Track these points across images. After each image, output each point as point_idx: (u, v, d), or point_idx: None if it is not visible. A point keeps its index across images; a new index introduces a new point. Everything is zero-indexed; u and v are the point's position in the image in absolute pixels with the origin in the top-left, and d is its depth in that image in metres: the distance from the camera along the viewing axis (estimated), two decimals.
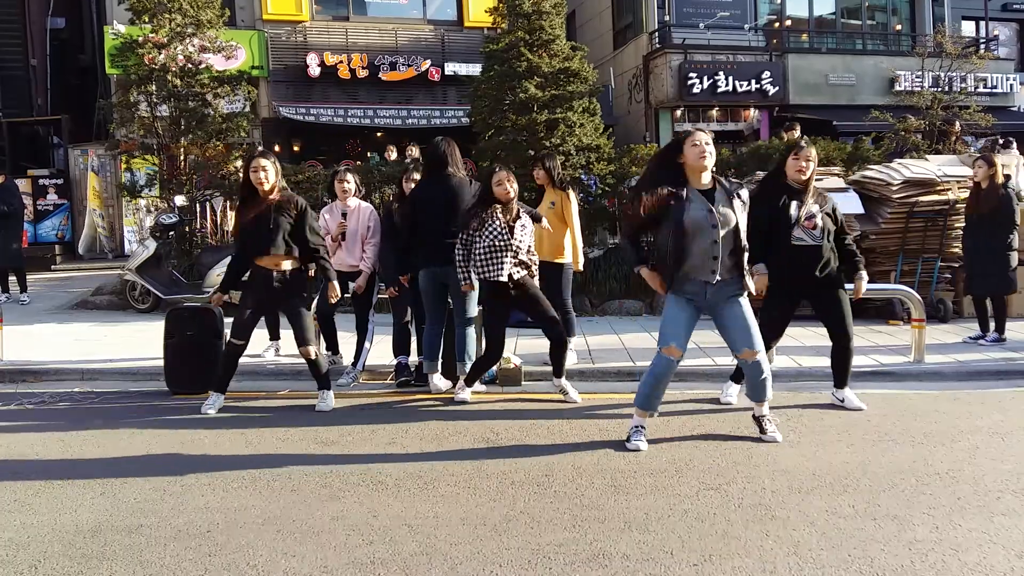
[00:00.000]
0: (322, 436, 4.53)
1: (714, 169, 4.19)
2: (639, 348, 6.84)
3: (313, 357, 5.17)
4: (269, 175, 5.03)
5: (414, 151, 11.71)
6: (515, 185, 5.21)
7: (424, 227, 5.45)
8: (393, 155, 12.16)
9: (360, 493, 3.59)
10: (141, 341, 7.27)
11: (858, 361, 6.43)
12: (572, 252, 6.22)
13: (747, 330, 4.21)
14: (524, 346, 7.07)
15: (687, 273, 4.15)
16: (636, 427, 4.29)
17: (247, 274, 5.19)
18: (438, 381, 5.60)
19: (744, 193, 4.20)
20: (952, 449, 4.13)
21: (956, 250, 8.27)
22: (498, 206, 5.12)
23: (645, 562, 2.84)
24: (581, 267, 6.39)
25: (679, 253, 4.09)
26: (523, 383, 5.89)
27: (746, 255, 4.20)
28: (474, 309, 5.51)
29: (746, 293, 4.25)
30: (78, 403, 5.44)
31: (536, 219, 5.54)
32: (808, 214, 4.73)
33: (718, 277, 4.12)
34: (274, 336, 6.72)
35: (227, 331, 5.78)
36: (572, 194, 6.27)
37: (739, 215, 4.12)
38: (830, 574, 2.73)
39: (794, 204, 4.75)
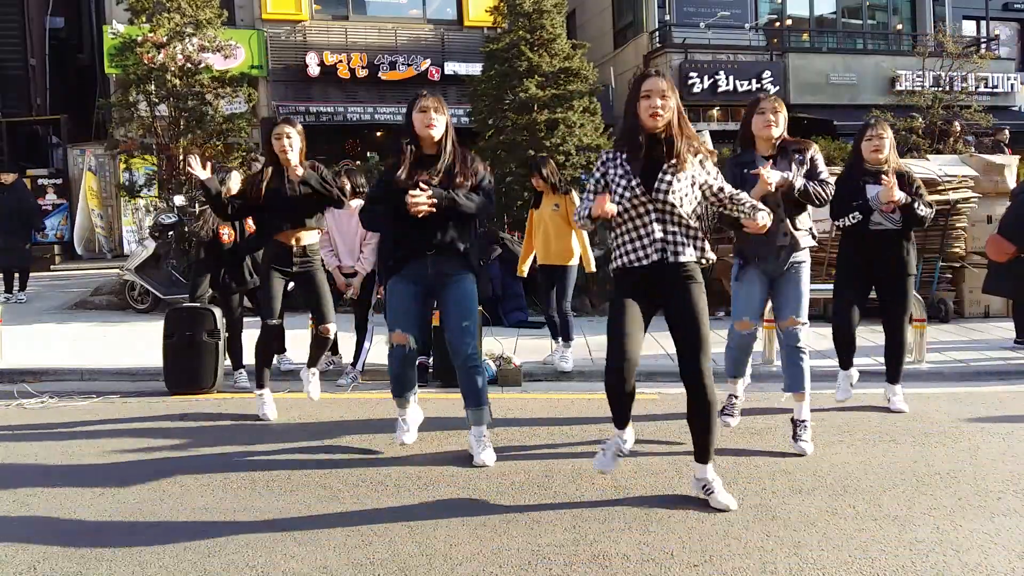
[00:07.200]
0: (322, 436, 4.53)
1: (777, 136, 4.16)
2: None
3: (333, 336, 5.05)
4: (294, 143, 4.61)
5: None
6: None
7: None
8: None
9: (360, 493, 3.59)
10: (140, 341, 7.27)
11: (859, 361, 6.41)
12: (582, 253, 6.18)
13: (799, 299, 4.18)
14: (524, 346, 7.06)
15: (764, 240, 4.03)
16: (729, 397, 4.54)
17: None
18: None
19: (805, 153, 4.16)
20: (953, 449, 4.12)
21: (957, 250, 8.26)
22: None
23: (645, 563, 2.83)
24: (594, 268, 6.33)
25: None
26: (523, 383, 5.88)
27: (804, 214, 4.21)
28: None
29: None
30: (77, 403, 5.43)
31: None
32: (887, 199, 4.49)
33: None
34: (280, 350, 6.22)
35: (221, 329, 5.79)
36: (576, 195, 6.24)
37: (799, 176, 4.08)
38: (831, 575, 2.73)
39: (870, 187, 4.59)
